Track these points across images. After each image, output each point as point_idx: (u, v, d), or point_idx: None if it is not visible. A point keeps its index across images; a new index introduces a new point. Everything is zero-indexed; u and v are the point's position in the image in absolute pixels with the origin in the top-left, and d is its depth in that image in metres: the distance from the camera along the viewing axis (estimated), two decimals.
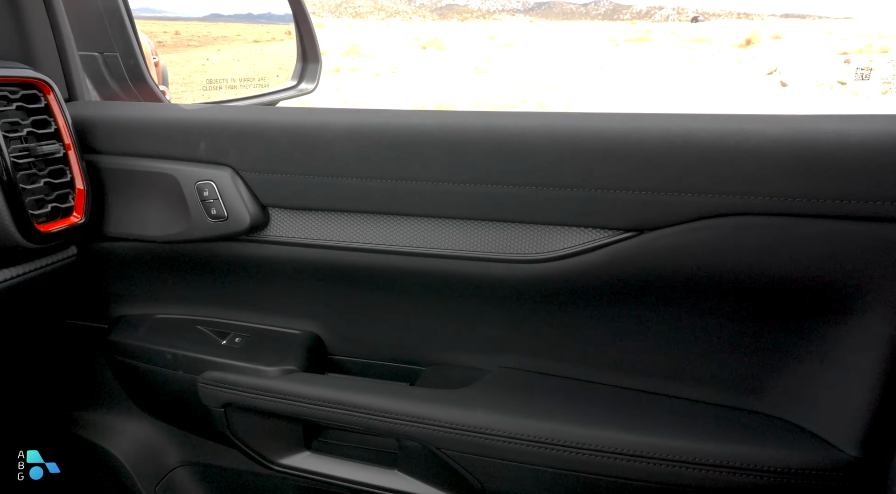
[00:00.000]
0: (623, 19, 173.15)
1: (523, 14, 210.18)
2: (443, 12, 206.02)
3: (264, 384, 0.94)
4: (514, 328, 0.94)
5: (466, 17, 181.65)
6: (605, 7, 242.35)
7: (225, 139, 0.90)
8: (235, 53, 1.83)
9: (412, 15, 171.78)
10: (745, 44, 25.57)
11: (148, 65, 1.46)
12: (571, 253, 0.81)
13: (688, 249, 0.77)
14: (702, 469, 0.77)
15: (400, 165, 0.83)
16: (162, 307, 1.08)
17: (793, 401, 0.81)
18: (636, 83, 14.44)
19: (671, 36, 33.21)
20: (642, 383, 0.90)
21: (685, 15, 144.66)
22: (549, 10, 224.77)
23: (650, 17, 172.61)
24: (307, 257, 0.94)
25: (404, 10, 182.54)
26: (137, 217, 0.96)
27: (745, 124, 0.73)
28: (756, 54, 21.33)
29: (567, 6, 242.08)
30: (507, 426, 0.84)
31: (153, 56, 1.61)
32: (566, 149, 0.78)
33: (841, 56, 17.81)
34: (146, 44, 1.55)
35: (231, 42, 1.88)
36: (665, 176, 0.74)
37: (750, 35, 27.96)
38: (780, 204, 0.71)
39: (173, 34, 1.73)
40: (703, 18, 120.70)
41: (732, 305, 0.81)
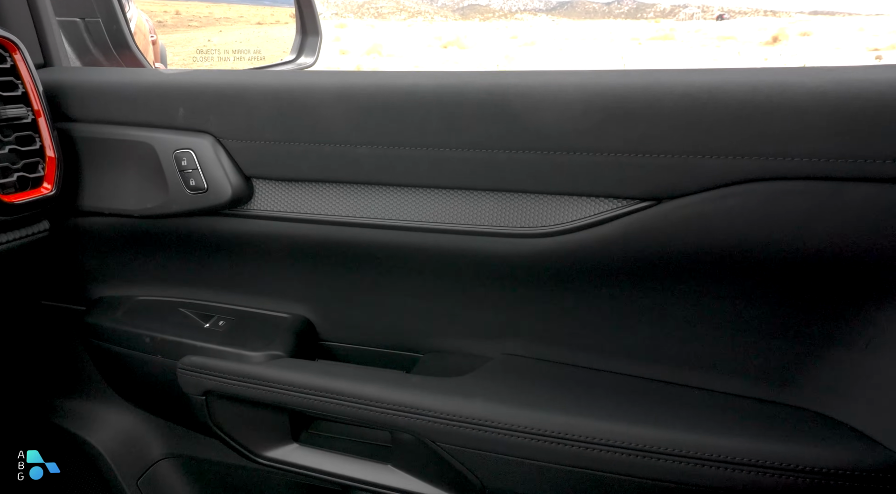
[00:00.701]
0: (647, 18, 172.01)
1: (545, 13, 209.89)
2: (465, 12, 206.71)
3: (248, 370, 0.87)
4: (519, 311, 0.86)
5: (488, 17, 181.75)
6: (628, 6, 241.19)
7: (204, 104, 0.83)
8: (238, 35, 1.77)
9: (434, 15, 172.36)
10: (772, 41, 25.12)
11: (145, 43, 1.40)
12: (581, 226, 0.73)
13: (713, 220, 0.68)
14: (726, 467, 0.68)
15: (393, 129, 0.76)
16: (143, 289, 1.01)
17: (831, 393, 0.72)
18: None
19: (696, 34, 32.77)
20: (660, 372, 0.81)
21: (710, 13, 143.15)
22: (572, 10, 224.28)
23: (674, 15, 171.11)
24: (294, 233, 0.87)
25: (426, 11, 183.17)
26: (113, 190, 0.90)
27: (781, 77, 0.63)
28: (783, 52, 20.95)
29: (590, 5, 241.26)
30: (510, 418, 0.76)
31: (151, 34, 1.56)
32: (576, 109, 0.69)
33: (872, 52, 17.41)
34: (144, 22, 1.50)
35: (233, 24, 1.82)
36: (687, 137, 0.65)
37: (777, 32, 27.47)
38: (820, 166, 0.62)
39: (174, 14, 1.68)
40: (729, 16, 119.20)
41: (763, 284, 0.72)
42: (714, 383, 0.78)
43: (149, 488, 1.07)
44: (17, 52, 0.82)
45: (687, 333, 0.78)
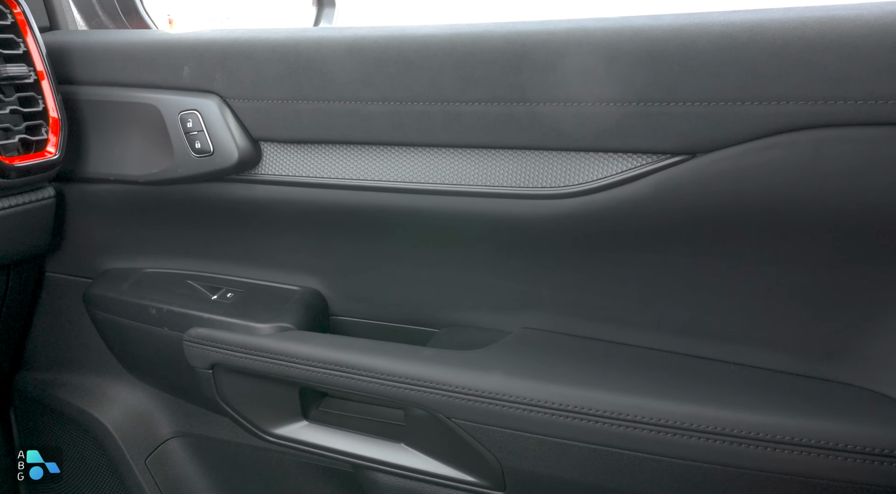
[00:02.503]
0: None
1: None
2: None
3: (254, 342, 0.83)
4: (540, 281, 0.81)
5: None
6: None
7: (210, 62, 0.79)
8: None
9: None
10: None
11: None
12: (608, 184, 0.67)
13: (753, 175, 0.62)
14: (765, 446, 0.62)
15: (405, 84, 0.71)
16: (151, 260, 0.98)
17: (883, 368, 0.66)
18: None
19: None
20: (692, 345, 0.75)
21: None
22: None
23: None
24: (304, 199, 0.83)
25: None
26: (118, 155, 0.87)
27: (833, 12, 0.57)
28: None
29: None
30: (529, 392, 0.70)
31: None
32: (601, 55, 0.63)
33: None
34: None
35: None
36: (725, 82, 0.59)
37: None
38: (877, 109, 0.56)
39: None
40: None
41: (809, 246, 0.66)
42: (751, 357, 0.73)
43: (157, 467, 1.04)
44: (18, 7, 0.79)
45: (721, 302, 0.72)
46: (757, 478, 0.64)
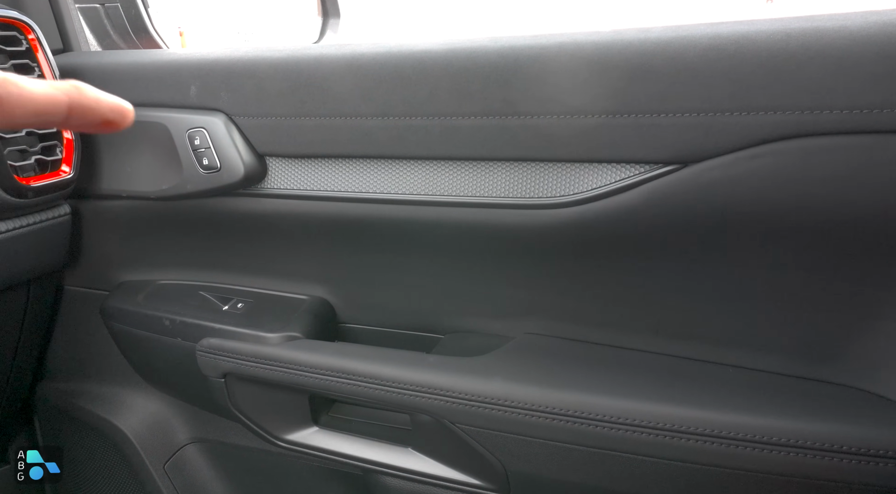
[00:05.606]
0: None
1: None
2: None
3: (264, 351, 0.85)
4: (540, 287, 0.82)
5: None
6: None
7: (215, 80, 0.82)
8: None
9: None
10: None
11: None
12: (601, 194, 0.69)
13: (743, 183, 0.63)
14: (763, 447, 0.63)
15: (403, 99, 0.73)
16: (164, 273, 1.01)
17: (878, 369, 0.67)
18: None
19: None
20: (689, 349, 0.76)
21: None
22: None
23: None
24: (309, 211, 0.85)
25: None
26: (129, 172, 0.90)
27: (817, 23, 0.58)
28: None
29: None
30: (532, 397, 0.72)
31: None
32: (593, 69, 0.65)
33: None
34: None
35: None
36: (713, 93, 0.61)
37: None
38: (863, 119, 0.56)
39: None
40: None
41: (801, 251, 0.67)
42: (748, 360, 0.74)
43: (175, 472, 1.07)
44: (32, 33, 0.82)
45: (717, 307, 0.73)
46: (755, 480, 0.65)
